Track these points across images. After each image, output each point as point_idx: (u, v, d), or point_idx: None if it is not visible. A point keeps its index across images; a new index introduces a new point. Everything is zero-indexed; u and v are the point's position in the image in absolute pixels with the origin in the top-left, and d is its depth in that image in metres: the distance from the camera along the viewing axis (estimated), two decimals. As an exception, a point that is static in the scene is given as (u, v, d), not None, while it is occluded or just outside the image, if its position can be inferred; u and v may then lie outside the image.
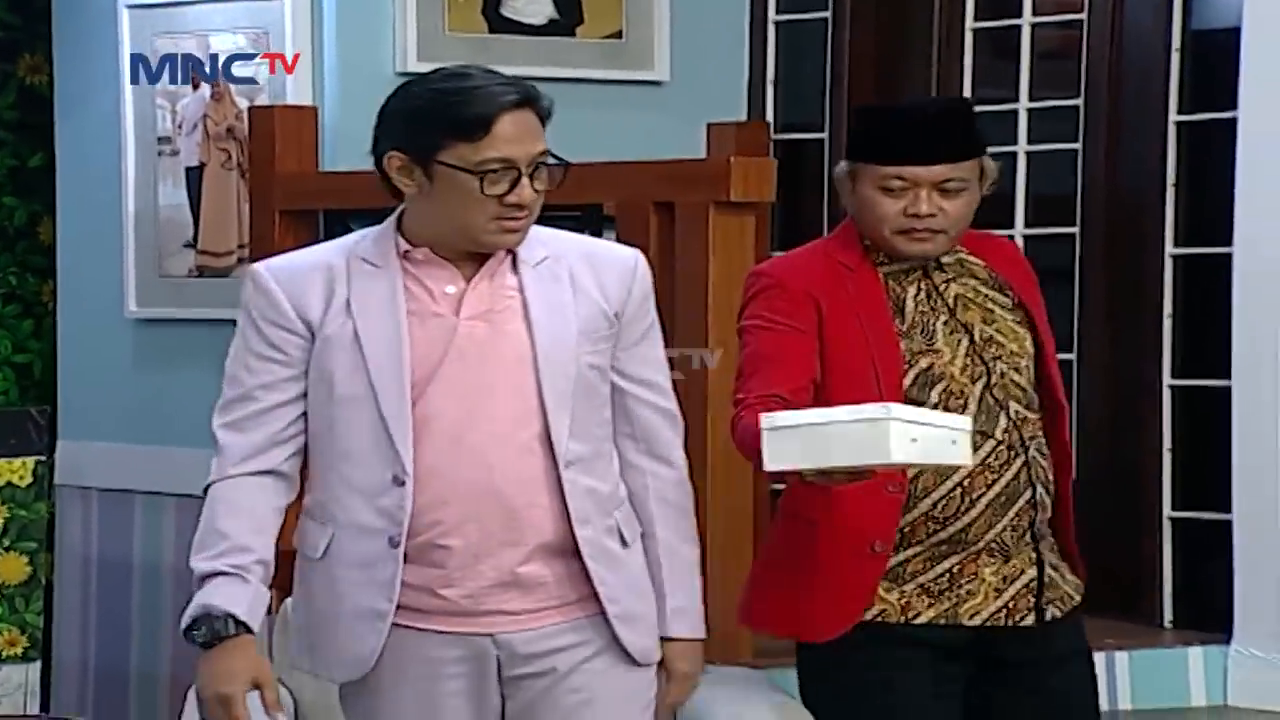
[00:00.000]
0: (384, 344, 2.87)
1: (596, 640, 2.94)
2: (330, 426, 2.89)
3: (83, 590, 5.47)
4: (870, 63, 5.38)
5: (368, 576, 2.89)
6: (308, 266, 2.93)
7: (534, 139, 2.87)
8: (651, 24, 5.28)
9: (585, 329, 2.93)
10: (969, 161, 3.24)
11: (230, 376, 2.95)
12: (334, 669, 2.96)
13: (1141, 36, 4.98)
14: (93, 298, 5.50)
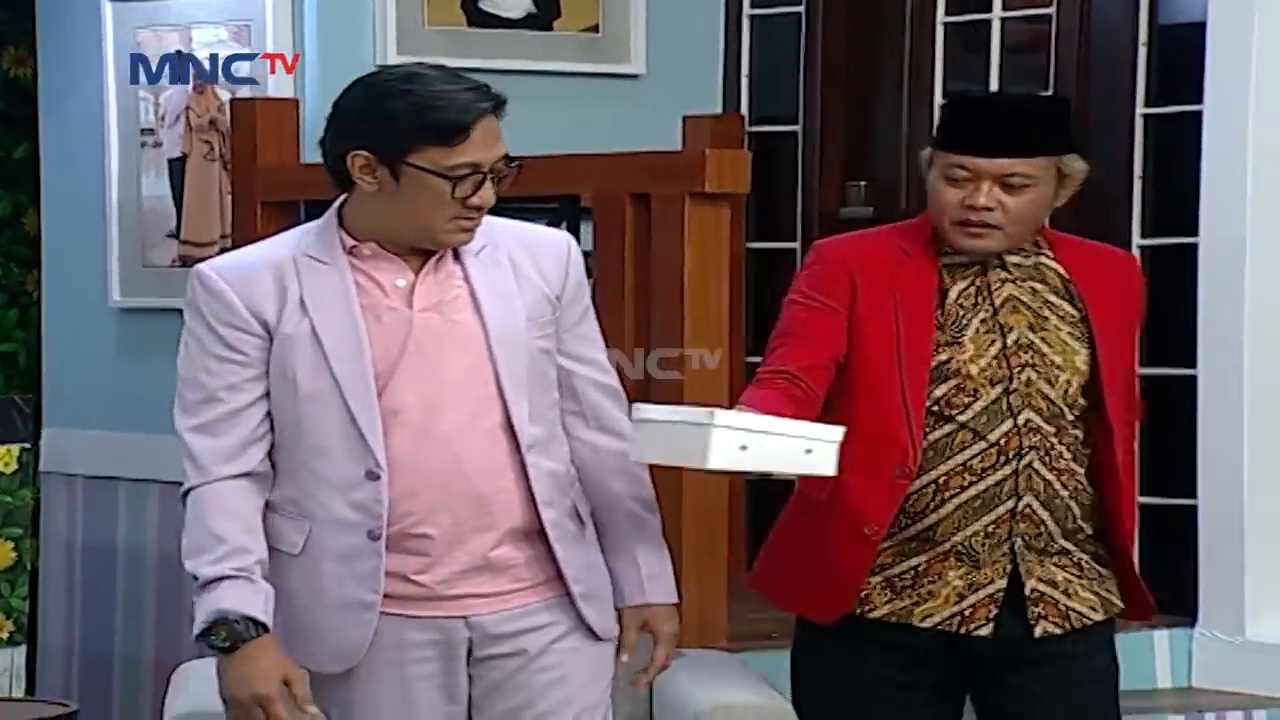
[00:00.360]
0: (343, 340, 2.87)
1: (563, 621, 2.96)
2: (298, 424, 2.89)
3: (68, 575, 5.46)
4: (843, 57, 5.38)
5: (349, 570, 2.89)
6: (256, 266, 2.92)
7: (499, 143, 2.88)
8: (628, 18, 5.28)
9: (532, 314, 2.94)
10: (1039, 158, 3.11)
11: (188, 380, 2.91)
12: (323, 661, 2.95)
13: (1109, 31, 4.99)
14: (77, 287, 5.50)
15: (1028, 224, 3.16)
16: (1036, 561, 3.14)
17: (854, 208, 5.37)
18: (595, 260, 4.38)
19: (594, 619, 2.98)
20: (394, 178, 2.86)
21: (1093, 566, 3.19)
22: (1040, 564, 3.15)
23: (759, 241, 5.42)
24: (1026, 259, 3.20)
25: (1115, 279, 3.26)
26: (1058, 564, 3.16)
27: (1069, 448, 3.14)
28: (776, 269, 5.45)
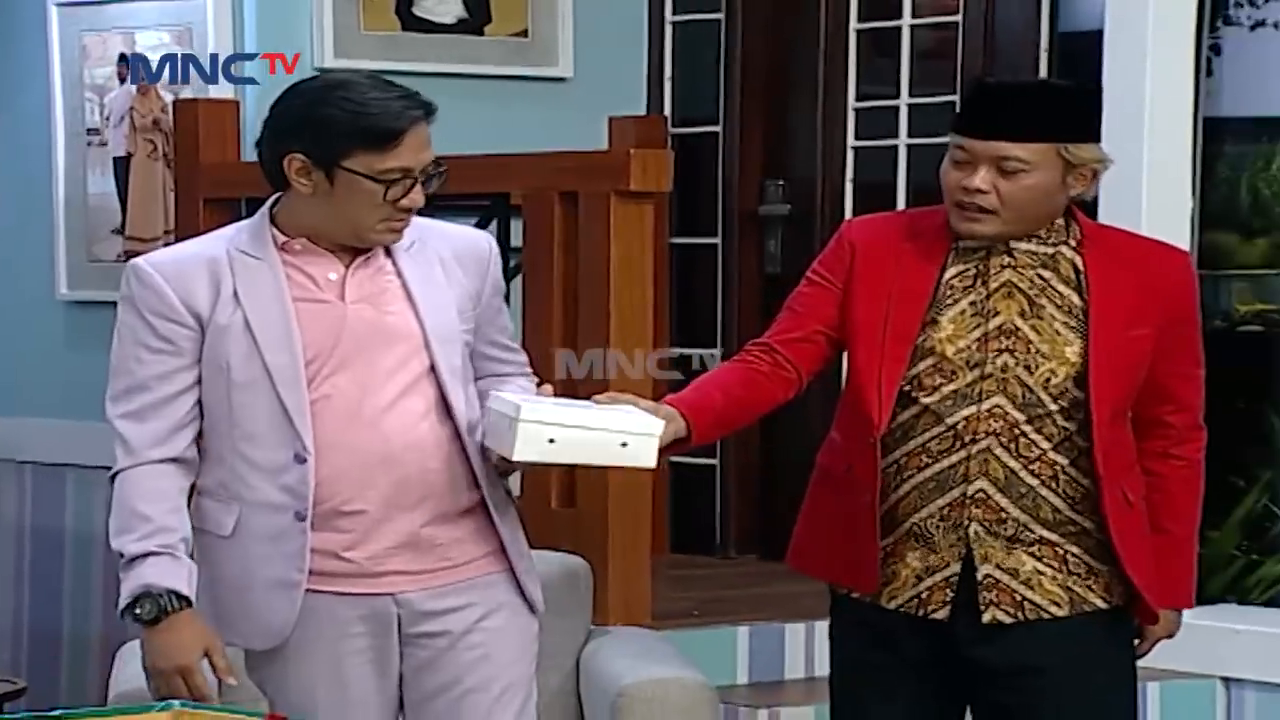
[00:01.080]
0: (275, 330, 2.89)
1: (492, 598, 2.98)
2: (230, 411, 2.90)
3: (16, 558, 5.44)
4: (761, 61, 5.42)
5: (277, 550, 2.90)
6: (191, 260, 2.93)
7: (428, 148, 2.90)
8: (556, 23, 5.29)
9: (460, 307, 2.98)
10: (1035, 144, 2.96)
11: (119, 369, 2.93)
12: (250, 639, 2.96)
13: (1012, 37, 5.04)
14: (25, 281, 5.47)
15: (1027, 210, 3.00)
16: (999, 548, 3.03)
17: (771, 205, 5.41)
18: (525, 255, 4.40)
19: (531, 591, 3.00)
20: (328, 180, 2.88)
21: (1082, 561, 3.05)
22: (1006, 551, 3.03)
23: (681, 237, 5.45)
24: (1042, 246, 3.04)
25: (1149, 275, 3.06)
26: (1034, 553, 3.03)
27: (1049, 437, 3.00)
28: (698, 263, 5.48)
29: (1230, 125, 4.72)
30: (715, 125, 5.45)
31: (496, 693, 2.97)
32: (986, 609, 3.02)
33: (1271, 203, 4.70)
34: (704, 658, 4.03)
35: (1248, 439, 4.69)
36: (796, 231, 5.36)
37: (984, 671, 3.06)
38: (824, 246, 3.09)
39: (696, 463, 5.43)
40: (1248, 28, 4.71)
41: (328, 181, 2.89)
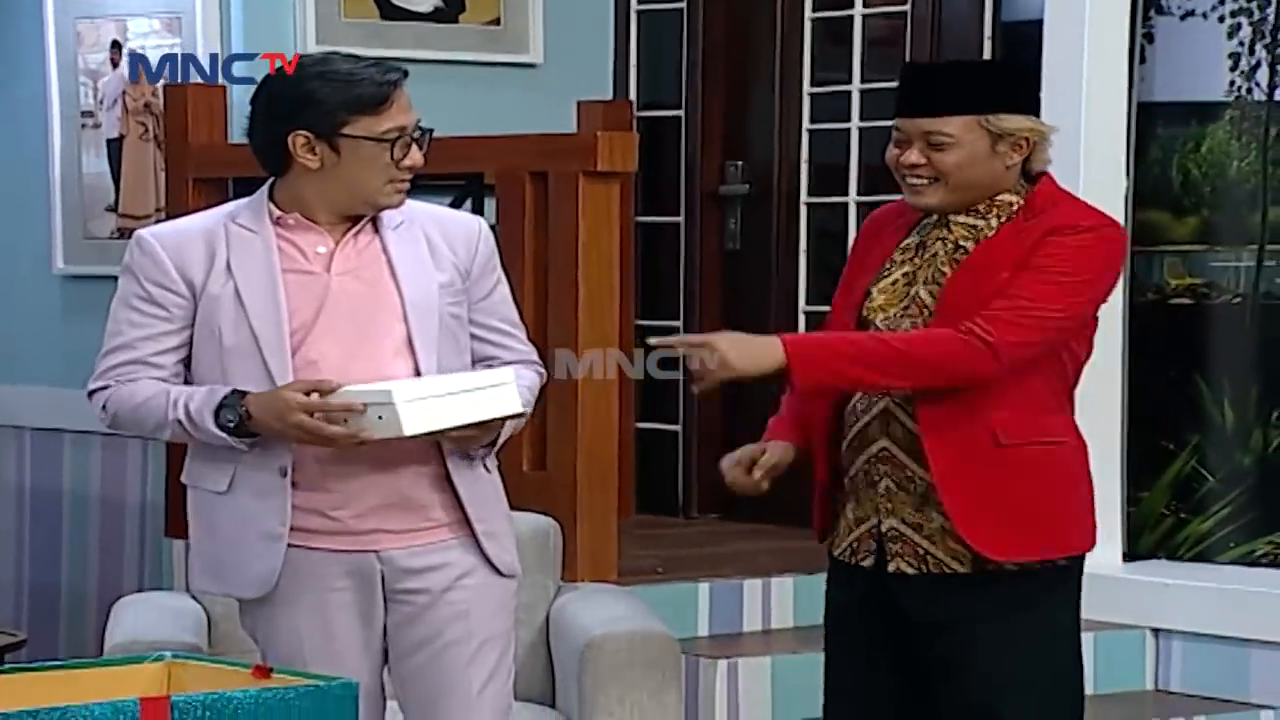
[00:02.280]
0: (263, 299, 2.91)
1: (468, 559, 2.99)
2: (223, 376, 2.93)
3: (17, 518, 5.44)
4: (721, 49, 5.42)
5: (264, 504, 2.93)
6: (190, 233, 2.97)
7: (413, 110, 2.95)
8: (527, 12, 5.28)
9: (445, 283, 2.98)
10: (955, 118, 2.99)
11: (111, 330, 2.99)
12: (242, 589, 2.98)
13: (958, 27, 5.04)
14: (23, 256, 5.46)
15: (963, 180, 3.01)
16: (910, 504, 3.02)
17: (731, 185, 5.42)
18: (498, 232, 4.40)
19: (496, 555, 3.01)
20: (334, 151, 2.91)
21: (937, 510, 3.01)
22: (916, 508, 3.01)
23: (646, 216, 5.45)
24: (976, 220, 3.05)
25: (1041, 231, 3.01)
26: (942, 510, 2.99)
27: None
28: (662, 240, 5.49)
29: (1162, 109, 4.74)
30: (678, 109, 5.45)
31: (475, 646, 2.98)
32: (892, 559, 3.04)
33: (1201, 182, 4.72)
34: (667, 612, 4.05)
35: (1178, 405, 4.72)
36: (755, 210, 5.37)
37: (908, 624, 3.07)
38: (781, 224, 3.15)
39: (661, 428, 5.45)
40: (1179, 17, 4.73)
41: (333, 152, 2.91)
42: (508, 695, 3.03)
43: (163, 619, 3.77)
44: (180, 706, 2.28)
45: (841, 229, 5.26)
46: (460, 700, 2.97)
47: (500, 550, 3.02)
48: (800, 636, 4.42)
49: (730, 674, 4.18)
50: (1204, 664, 4.51)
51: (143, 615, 3.82)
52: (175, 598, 4.01)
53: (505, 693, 3.03)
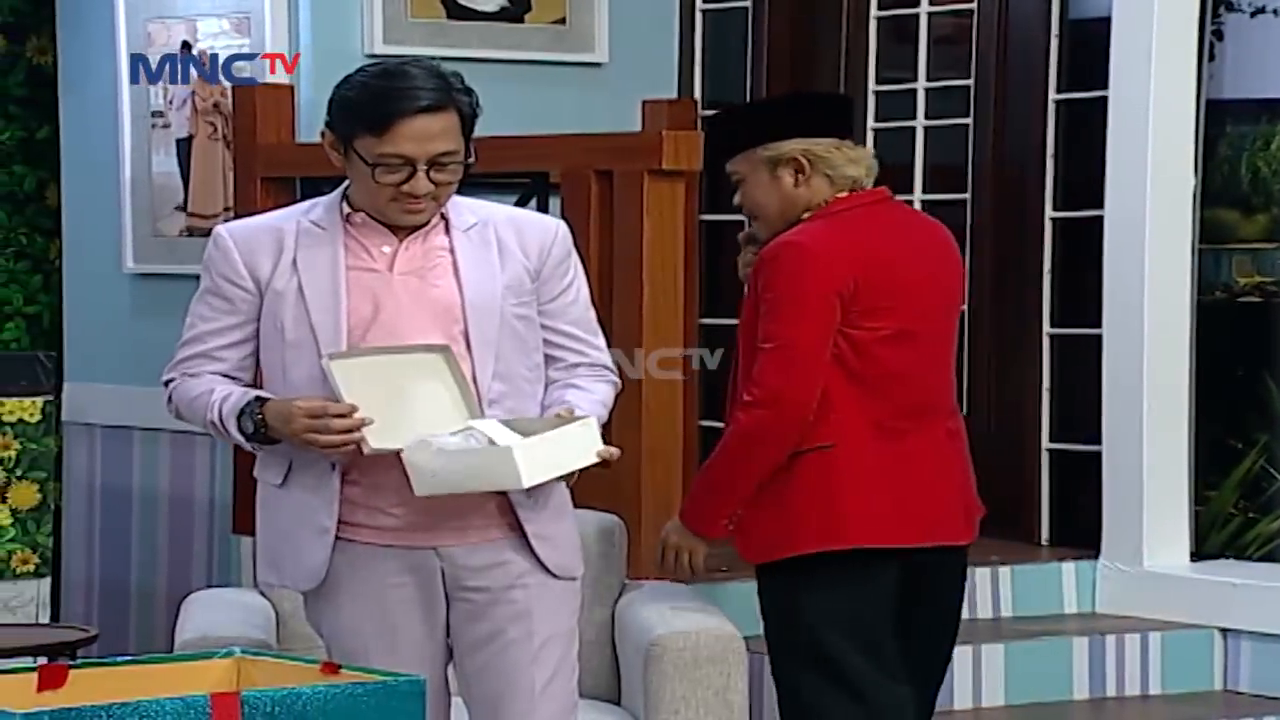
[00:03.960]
0: (324, 295, 2.93)
1: (524, 560, 2.98)
2: (284, 370, 2.96)
3: (88, 514, 5.47)
4: (786, 46, 5.40)
5: (317, 498, 2.94)
6: (261, 230, 3.00)
7: (437, 140, 2.89)
8: (592, 11, 5.28)
9: (511, 284, 2.97)
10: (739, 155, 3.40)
11: (188, 323, 3.04)
12: (296, 581, 3.00)
13: (1025, 24, 5.01)
14: (94, 255, 5.49)
15: (762, 211, 3.40)
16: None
17: (796, 184, 5.39)
18: (563, 231, 4.40)
19: (549, 556, 2.99)
20: (346, 158, 2.94)
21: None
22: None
23: (711, 214, 5.44)
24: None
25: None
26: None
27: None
28: (726, 238, 5.47)
29: (1231, 107, 4.70)
30: (743, 108, 5.44)
31: (537, 645, 2.97)
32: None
33: (1270, 180, 4.68)
34: (732, 609, 4.03)
35: (1246, 404, 4.68)
36: (819, 208, 5.35)
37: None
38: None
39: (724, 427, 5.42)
40: (1249, 14, 4.68)
41: (344, 158, 2.94)
42: (572, 693, 3.03)
43: (232, 615, 3.79)
44: (250, 702, 2.29)
45: (906, 227, 5.23)
46: (523, 698, 2.96)
47: (552, 552, 3.00)
48: (865, 635, 4.40)
49: (795, 672, 4.16)
50: (1273, 664, 4.46)
51: (212, 611, 3.84)
52: (244, 594, 4.03)
53: (569, 691, 3.02)
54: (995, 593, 4.66)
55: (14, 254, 5.75)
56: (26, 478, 4.67)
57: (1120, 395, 4.70)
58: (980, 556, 4.72)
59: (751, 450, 3.28)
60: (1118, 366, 4.71)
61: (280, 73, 4.95)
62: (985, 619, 4.62)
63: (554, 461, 2.86)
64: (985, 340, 5.07)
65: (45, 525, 4.75)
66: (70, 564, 5.48)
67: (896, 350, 3.29)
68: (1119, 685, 4.46)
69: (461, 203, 3.00)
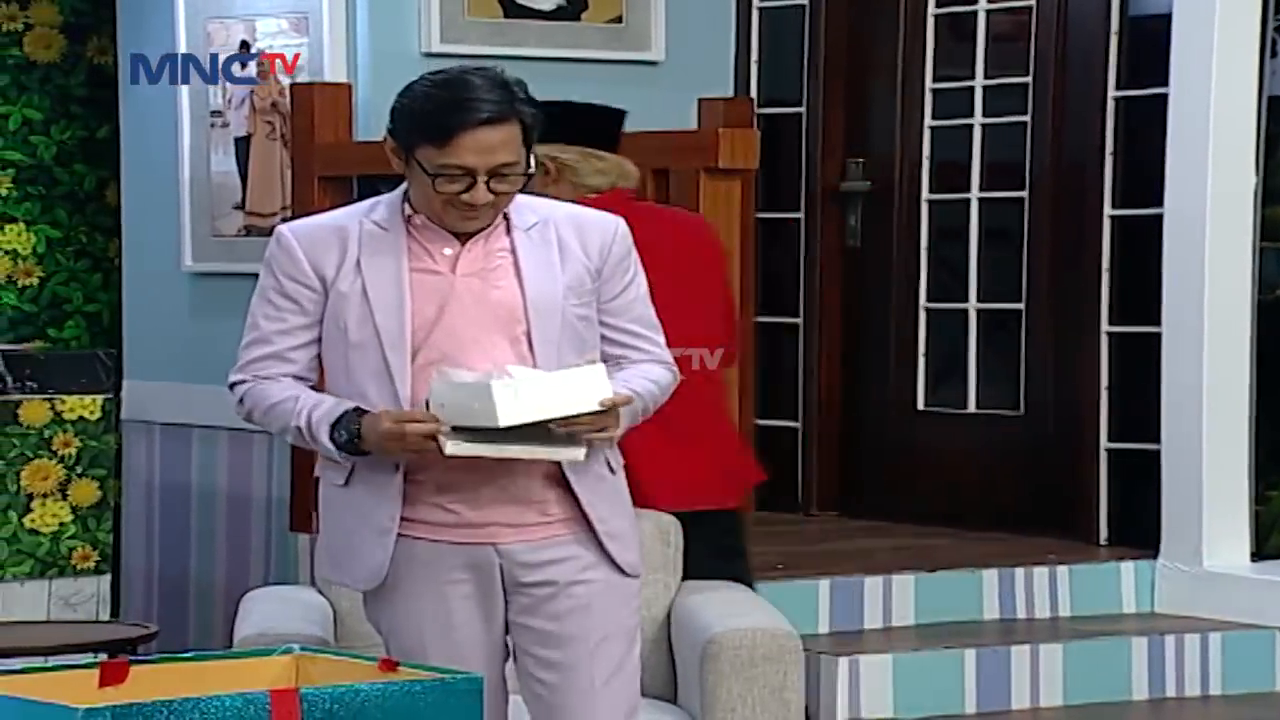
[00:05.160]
0: (388, 297, 2.93)
1: (589, 554, 2.98)
2: (346, 371, 2.96)
3: (147, 512, 5.50)
4: (843, 45, 5.39)
5: (378, 499, 2.94)
6: (325, 229, 2.99)
7: (498, 152, 2.88)
8: (649, 10, 5.28)
9: (571, 284, 2.97)
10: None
11: (250, 323, 3.02)
12: (355, 579, 3.01)
13: (1084, 21, 4.99)
14: (154, 254, 5.52)
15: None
16: None
17: (852, 182, 5.39)
18: (619, 229, 4.39)
19: (618, 554, 2.99)
20: (407, 165, 2.93)
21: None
22: None
23: (767, 212, 5.43)
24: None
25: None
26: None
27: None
28: (782, 237, 5.47)
29: (1293, 104, 4.67)
30: (799, 106, 5.43)
31: (597, 640, 2.97)
32: None
33: (1332, 178, 4.64)
34: (788, 608, 4.02)
35: (1308, 404, 4.64)
36: (876, 207, 5.34)
37: None
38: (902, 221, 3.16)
39: (781, 425, 5.43)
40: (1311, 10, 4.65)
41: (405, 165, 2.94)
42: (634, 691, 3.03)
43: (290, 612, 3.80)
44: (309, 699, 2.30)
45: (963, 226, 5.21)
46: (581, 695, 2.96)
47: (623, 550, 3.01)
48: (922, 634, 4.39)
49: (852, 671, 4.16)
50: (1335, 666, 4.43)
51: (270, 608, 3.86)
52: (302, 591, 4.04)
53: (631, 688, 3.02)
54: (1053, 592, 4.64)
55: (74, 253, 5.79)
56: (87, 475, 4.70)
57: (1180, 394, 4.67)
58: (1038, 556, 4.71)
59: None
60: (1177, 365, 4.68)
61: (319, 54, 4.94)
62: (1043, 619, 4.60)
63: (544, 404, 2.82)
64: (1044, 339, 5.05)
65: (105, 522, 4.78)
66: (130, 561, 5.52)
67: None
68: (1178, 686, 4.43)
69: (522, 201, 3.00)
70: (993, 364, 5.17)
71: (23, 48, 5.75)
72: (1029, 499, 5.04)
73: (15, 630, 4.51)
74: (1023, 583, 4.61)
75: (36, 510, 4.67)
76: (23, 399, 4.61)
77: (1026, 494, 5.05)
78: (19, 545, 4.66)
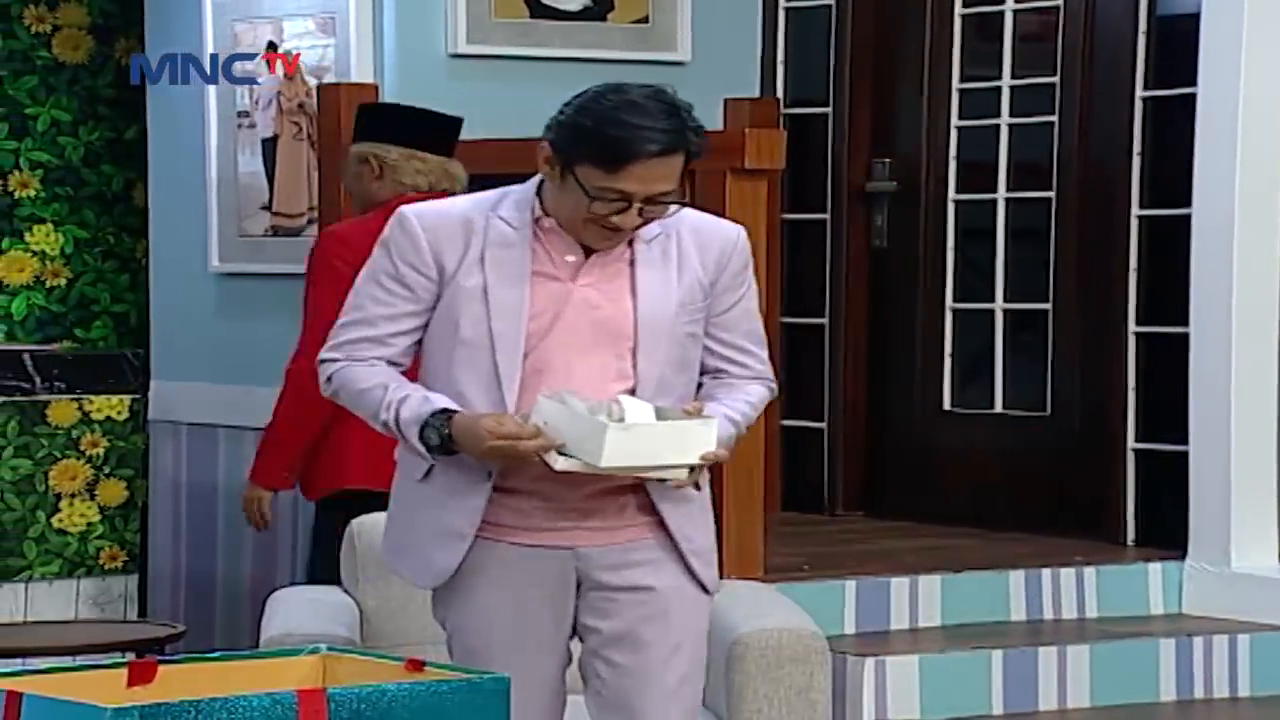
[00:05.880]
0: (508, 300, 2.87)
1: (668, 561, 2.94)
2: (450, 366, 2.90)
3: (174, 511, 5.51)
4: (869, 45, 5.38)
5: (461, 502, 2.90)
6: (451, 218, 2.91)
7: (661, 181, 2.83)
8: (675, 10, 5.28)
9: (684, 300, 2.91)
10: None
11: (353, 304, 2.94)
12: (419, 576, 2.97)
13: (1111, 20, 4.97)
14: (181, 254, 5.53)
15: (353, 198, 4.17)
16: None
17: (878, 182, 5.38)
18: (645, 229, 4.39)
19: (701, 571, 2.95)
20: (561, 177, 2.86)
21: None
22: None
23: (793, 213, 5.43)
24: None
25: None
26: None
27: None
28: (809, 237, 5.47)
29: (1322, 104, 4.65)
30: (825, 106, 5.42)
31: (671, 646, 2.93)
32: None
33: (1361, 178, 4.62)
34: (814, 609, 4.03)
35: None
36: (902, 207, 5.33)
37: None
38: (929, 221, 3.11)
39: (807, 426, 5.42)
40: (1340, 10, 4.63)
41: (560, 178, 2.86)
42: (698, 696, 2.99)
43: (316, 613, 3.81)
44: (336, 699, 2.30)
45: (989, 226, 5.20)
46: (655, 699, 2.93)
47: (705, 567, 2.96)
48: (948, 635, 4.38)
49: (878, 672, 4.15)
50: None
51: (297, 609, 3.87)
52: (328, 592, 4.05)
53: (696, 694, 2.98)
54: (1080, 593, 4.63)
55: (102, 253, 5.81)
56: (114, 475, 4.72)
57: (1207, 394, 4.65)
58: (1065, 557, 4.70)
59: (300, 407, 4.01)
60: (1205, 365, 4.66)
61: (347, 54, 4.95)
62: (1070, 620, 4.59)
63: (648, 453, 2.80)
64: (1070, 339, 5.04)
65: (133, 522, 4.79)
66: (157, 560, 5.53)
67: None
68: (1207, 687, 4.42)
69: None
70: (1019, 364, 5.16)
71: (51, 49, 5.77)
72: (1056, 500, 5.03)
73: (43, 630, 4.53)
74: (1050, 584, 4.59)
75: (64, 510, 4.69)
76: (51, 399, 4.63)
77: (1053, 495, 5.04)
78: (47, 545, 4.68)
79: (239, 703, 2.26)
